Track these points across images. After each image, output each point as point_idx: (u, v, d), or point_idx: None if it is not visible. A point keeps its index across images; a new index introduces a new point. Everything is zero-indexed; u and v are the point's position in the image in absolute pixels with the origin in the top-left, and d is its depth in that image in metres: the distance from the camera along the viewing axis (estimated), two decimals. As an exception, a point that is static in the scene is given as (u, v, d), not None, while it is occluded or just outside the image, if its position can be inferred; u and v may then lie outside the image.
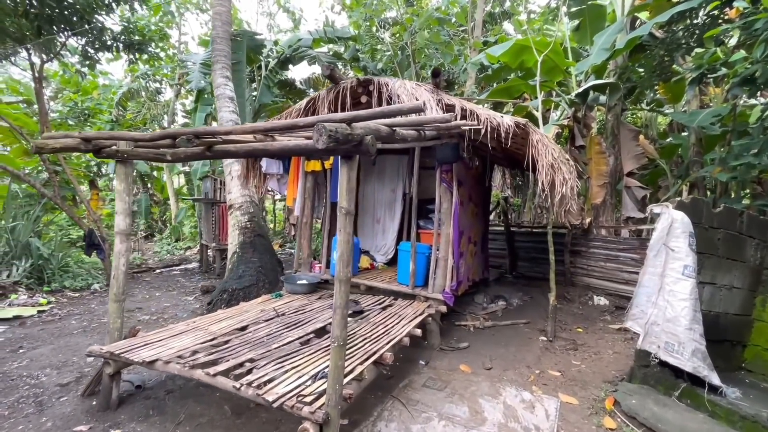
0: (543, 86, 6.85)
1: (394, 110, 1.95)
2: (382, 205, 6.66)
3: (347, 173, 2.23)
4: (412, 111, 1.94)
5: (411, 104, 1.90)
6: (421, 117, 2.61)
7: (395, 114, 1.98)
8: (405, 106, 1.93)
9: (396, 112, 1.97)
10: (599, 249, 6.83)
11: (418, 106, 1.87)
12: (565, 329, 5.33)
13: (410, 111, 1.95)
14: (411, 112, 1.96)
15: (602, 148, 6.87)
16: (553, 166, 3.82)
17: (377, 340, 3.34)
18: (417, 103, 1.89)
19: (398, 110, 1.96)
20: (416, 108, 1.93)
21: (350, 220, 2.27)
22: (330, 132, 1.75)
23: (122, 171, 3.06)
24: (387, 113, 1.95)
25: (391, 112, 1.95)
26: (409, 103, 1.94)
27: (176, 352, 2.93)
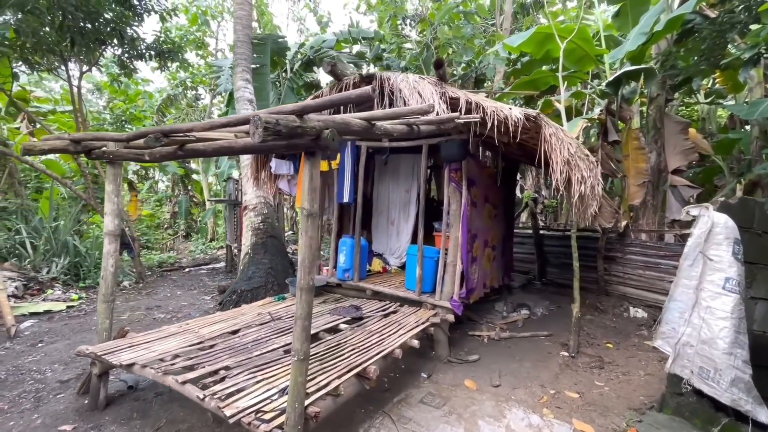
0: (572, 77, 6.30)
1: (343, 98, 1.73)
2: (396, 206, 6.41)
3: (309, 171, 2.04)
4: (361, 98, 1.70)
5: (359, 91, 1.66)
6: (397, 109, 2.37)
7: (343, 102, 1.76)
8: (353, 92, 1.70)
9: (345, 100, 1.75)
10: (637, 255, 6.16)
11: (366, 93, 1.64)
12: (592, 344, 4.81)
13: (359, 97, 1.72)
14: (360, 99, 1.73)
15: (641, 143, 6.20)
16: (569, 163, 3.41)
17: (366, 351, 3.12)
18: (365, 88, 1.66)
19: (346, 98, 1.74)
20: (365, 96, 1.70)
21: (313, 223, 2.08)
22: (267, 124, 1.57)
23: (111, 172, 3.07)
24: (336, 101, 1.74)
25: (343, 99, 1.73)
26: (357, 91, 1.71)
27: (158, 356, 2.89)
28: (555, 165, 3.41)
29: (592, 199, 3.61)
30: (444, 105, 3.74)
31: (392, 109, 2.36)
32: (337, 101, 1.75)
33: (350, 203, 5.03)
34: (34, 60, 7.11)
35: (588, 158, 3.54)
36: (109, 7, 6.54)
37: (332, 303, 4.65)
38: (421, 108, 2.34)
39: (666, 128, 6.74)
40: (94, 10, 6.43)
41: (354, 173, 4.98)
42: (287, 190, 5.76)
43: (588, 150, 4.93)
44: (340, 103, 1.76)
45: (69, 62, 7.49)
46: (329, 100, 1.74)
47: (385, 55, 11.16)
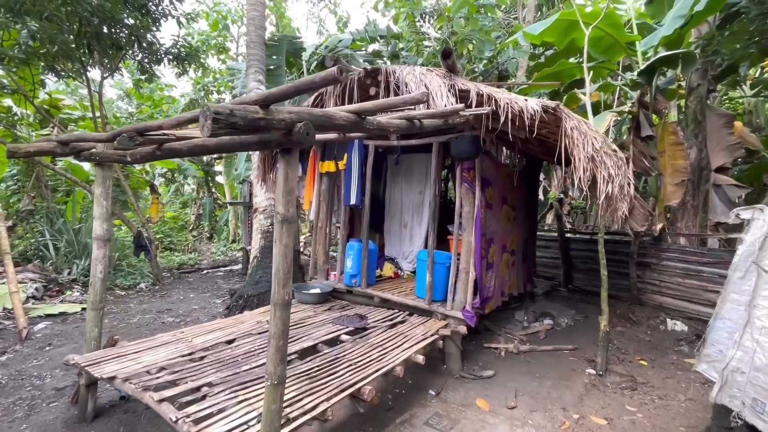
0: (599, 68, 5.81)
1: (306, 83, 1.48)
2: (409, 208, 6.13)
3: (284, 170, 1.80)
4: (326, 80, 1.44)
5: (323, 74, 1.40)
6: (388, 99, 2.10)
7: (306, 87, 1.50)
8: (317, 76, 1.44)
9: (308, 85, 1.49)
10: (675, 261, 5.60)
11: (331, 75, 1.37)
12: (623, 360, 4.35)
13: (323, 80, 1.45)
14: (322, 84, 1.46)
15: (679, 137, 5.62)
16: (593, 159, 3.02)
17: (364, 368, 2.85)
18: (330, 70, 1.39)
19: (310, 82, 1.48)
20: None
21: (288, 229, 1.83)
22: (217, 116, 1.33)
23: (100, 174, 2.96)
24: (300, 86, 1.48)
25: (306, 84, 1.48)
26: (322, 74, 1.44)
27: (144, 368, 2.73)
28: (577, 162, 3.03)
29: (621, 200, 3.20)
30: (453, 98, 3.43)
31: (382, 100, 2.09)
32: (301, 86, 1.50)
33: (357, 205, 4.79)
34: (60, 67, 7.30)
35: (616, 154, 3.13)
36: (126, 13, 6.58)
37: (338, 311, 4.42)
38: (413, 97, 2.06)
39: (708, 121, 6.12)
40: (110, 15, 6.50)
41: (361, 174, 4.73)
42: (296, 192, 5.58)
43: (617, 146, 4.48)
44: (304, 88, 1.51)
45: (89, 68, 7.64)
46: (293, 86, 1.50)
47: (403, 54, 10.88)
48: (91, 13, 6.19)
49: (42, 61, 7.06)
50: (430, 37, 11.10)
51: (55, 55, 6.53)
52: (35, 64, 7.07)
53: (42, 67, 7.29)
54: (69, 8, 6.19)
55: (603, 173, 3.01)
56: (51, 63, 7.14)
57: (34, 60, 6.92)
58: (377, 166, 6.30)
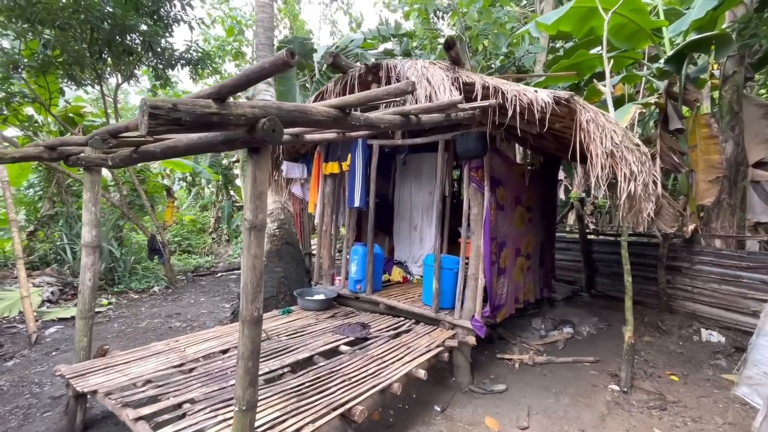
0: (621, 58, 5.42)
1: (255, 71, 1.29)
2: (419, 210, 5.89)
3: (252, 172, 1.62)
4: (276, 66, 1.24)
5: (272, 59, 1.21)
6: (371, 91, 1.90)
7: (256, 76, 1.31)
8: (266, 62, 1.25)
9: (258, 73, 1.30)
10: (710, 266, 5.13)
11: (281, 59, 1.17)
12: (650, 375, 3.97)
13: (273, 66, 1.25)
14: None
15: (713, 130, 5.16)
16: (613, 155, 2.71)
17: (359, 384, 2.64)
18: (280, 54, 1.20)
19: (259, 70, 1.29)
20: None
21: (258, 237, 1.65)
22: (155, 110, 1.16)
23: (89, 179, 2.88)
24: (251, 75, 1.30)
25: (256, 72, 1.29)
26: (270, 59, 1.25)
27: (129, 380, 2.62)
28: (594, 158, 2.73)
29: (645, 200, 2.87)
30: (457, 92, 3.19)
31: (365, 93, 1.88)
32: (251, 75, 1.31)
33: (362, 208, 4.60)
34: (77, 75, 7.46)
35: (639, 149, 2.81)
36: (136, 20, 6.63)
37: (341, 318, 4.23)
38: (398, 87, 1.84)
39: (745, 112, 5.61)
40: (120, 22, 6.56)
41: (365, 175, 4.54)
42: (300, 195, 5.46)
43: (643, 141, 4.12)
44: (254, 76, 1.32)
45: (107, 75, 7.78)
46: (244, 75, 1.32)
47: (417, 52, 10.65)
48: (101, 20, 6.27)
49: (60, 69, 7.22)
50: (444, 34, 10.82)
51: (67, 62, 6.65)
52: (53, 73, 7.23)
53: (61, 75, 7.45)
54: (82, 16, 6.28)
55: (624, 170, 2.70)
56: (68, 71, 7.29)
57: (51, 68, 7.07)
58: (385, 167, 6.11)
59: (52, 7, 5.88)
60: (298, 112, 1.69)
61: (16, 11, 6.01)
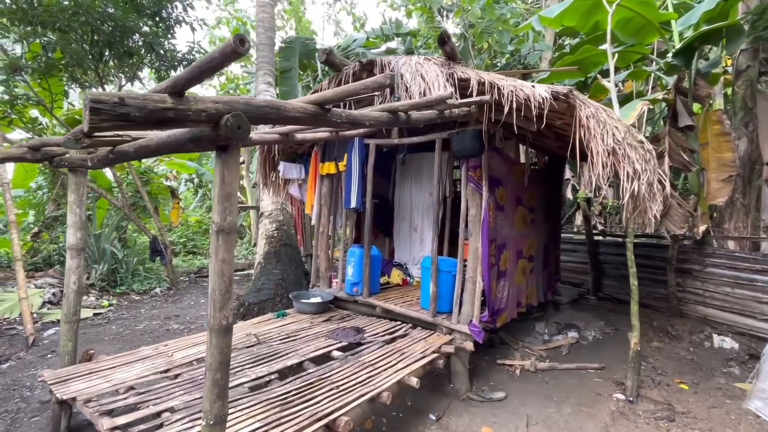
0: (628, 53, 5.23)
1: (206, 62, 1.18)
2: (419, 211, 5.77)
3: (220, 171, 1.53)
4: (225, 55, 1.14)
5: (221, 47, 1.10)
6: (349, 85, 1.79)
7: (207, 67, 1.21)
8: (215, 52, 1.15)
9: (208, 64, 1.20)
10: (722, 268, 4.92)
11: (229, 48, 1.07)
12: (659, 383, 3.79)
13: (223, 55, 1.15)
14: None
15: (725, 127, 4.95)
16: (615, 153, 2.57)
17: (347, 393, 2.53)
18: (225, 45, 1.10)
19: (209, 61, 1.19)
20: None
21: (227, 241, 1.56)
22: (96, 104, 1.07)
23: (73, 180, 2.83)
24: (203, 66, 1.19)
25: (206, 63, 1.19)
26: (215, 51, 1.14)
27: (111, 387, 2.55)
28: (594, 156, 2.59)
29: (650, 200, 2.72)
30: (452, 88, 3.07)
31: (343, 87, 1.78)
32: (202, 66, 1.20)
33: (358, 209, 4.49)
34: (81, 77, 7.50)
35: (643, 146, 2.66)
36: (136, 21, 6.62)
37: (336, 322, 4.13)
38: (376, 80, 1.74)
39: (759, 108, 5.39)
40: (120, 24, 6.56)
41: (362, 175, 4.44)
42: (298, 195, 5.37)
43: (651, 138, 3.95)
44: (205, 67, 1.22)
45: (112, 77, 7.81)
46: (197, 68, 1.22)
47: (422, 51, 10.52)
48: (101, 21, 6.27)
49: (63, 72, 7.25)
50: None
51: (69, 64, 6.67)
52: (57, 75, 7.26)
53: (66, 78, 7.50)
54: (82, 18, 6.29)
55: (627, 169, 2.55)
56: (72, 73, 7.33)
57: (55, 71, 7.11)
58: (385, 166, 6.01)
59: (52, 9, 5.90)
60: (270, 108, 1.59)
61: (18, 14, 6.04)
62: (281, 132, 3.12)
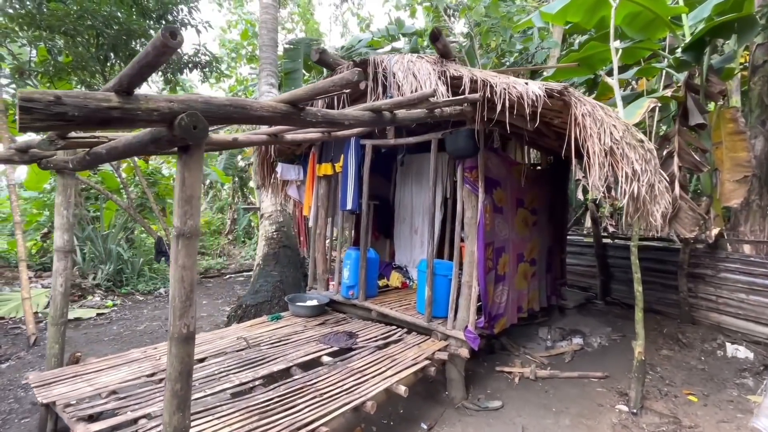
0: (636, 49, 5.04)
1: (141, 59, 1.12)
2: (420, 213, 5.66)
3: (181, 173, 1.47)
4: (164, 50, 1.07)
5: (152, 43, 1.04)
6: (317, 83, 1.72)
7: (142, 64, 1.14)
8: (149, 47, 1.08)
9: (144, 60, 1.13)
10: (737, 274, 4.69)
11: (162, 45, 1.00)
12: (666, 394, 3.62)
13: (156, 49, 1.08)
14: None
15: (740, 125, 4.73)
16: (613, 152, 2.43)
17: (330, 402, 2.45)
18: (156, 40, 1.03)
19: (144, 56, 1.12)
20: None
21: (188, 247, 1.49)
22: (27, 103, 1.01)
23: (61, 182, 2.82)
24: (142, 62, 1.13)
25: (141, 60, 1.12)
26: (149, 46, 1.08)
27: (94, 391, 2.53)
28: (591, 156, 2.46)
29: (652, 202, 2.57)
30: (444, 86, 2.97)
31: (312, 85, 1.71)
32: (141, 61, 1.12)
33: (354, 211, 4.42)
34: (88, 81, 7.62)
35: (643, 145, 2.52)
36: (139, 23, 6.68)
37: (331, 326, 4.06)
38: (343, 77, 1.65)
39: (777, 105, 5.12)
40: (125, 27, 6.62)
41: (358, 176, 4.36)
42: (296, 197, 5.33)
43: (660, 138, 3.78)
44: (143, 62, 1.15)
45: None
46: (136, 64, 1.15)
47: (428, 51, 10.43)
48: (105, 25, 6.35)
49: (72, 75, 7.37)
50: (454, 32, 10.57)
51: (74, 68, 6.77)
52: (65, 78, 7.38)
53: (76, 81, 7.62)
54: (88, 22, 6.37)
55: (625, 169, 2.42)
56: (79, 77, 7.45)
57: (63, 74, 7.23)
58: (386, 167, 5.92)
59: (58, 14, 6.00)
60: (234, 107, 1.52)
61: (26, 18, 6.15)
62: (269, 132, 3.07)
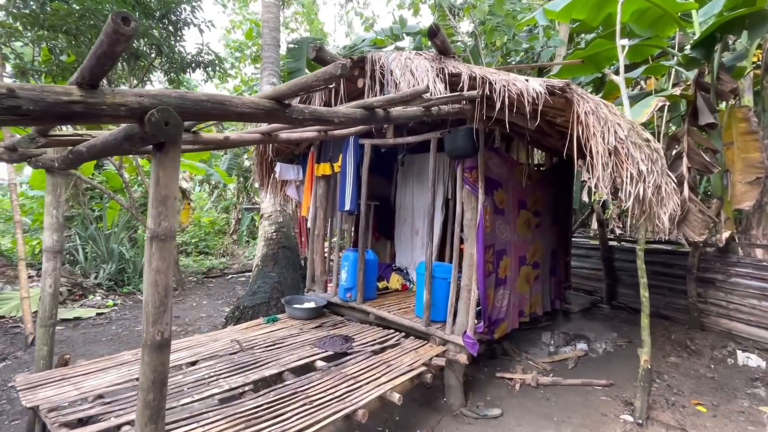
0: (645, 46, 4.90)
1: (97, 48, 1.04)
2: (421, 214, 5.56)
3: (155, 172, 1.39)
4: (117, 36, 0.99)
5: (104, 31, 0.96)
6: (300, 79, 1.63)
7: (98, 54, 1.06)
8: (102, 34, 1.00)
9: (99, 48, 1.05)
10: (749, 279, 4.53)
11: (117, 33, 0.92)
12: (673, 404, 3.48)
13: (108, 37, 1.00)
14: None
15: (752, 125, 4.57)
16: (617, 151, 2.32)
17: (320, 410, 2.37)
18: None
19: (99, 44, 1.04)
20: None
21: (161, 249, 1.42)
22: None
23: (50, 181, 2.77)
24: (97, 52, 1.05)
25: (97, 49, 1.04)
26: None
27: (80, 395, 2.47)
28: (595, 156, 2.35)
29: (659, 204, 2.45)
30: (442, 84, 2.88)
31: (295, 80, 1.63)
32: (97, 52, 1.02)
33: (352, 212, 4.34)
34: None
35: (649, 145, 2.40)
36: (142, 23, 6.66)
37: (328, 329, 3.98)
38: (326, 71, 1.56)
39: (792, 104, 4.94)
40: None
41: (357, 176, 4.28)
42: (295, 197, 5.26)
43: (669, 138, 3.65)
44: (101, 54, 1.07)
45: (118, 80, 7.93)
46: (94, 56, 1.07)
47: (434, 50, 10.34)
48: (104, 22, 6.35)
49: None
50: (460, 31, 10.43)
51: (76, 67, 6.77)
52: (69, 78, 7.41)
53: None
54: (90, 21, 6.38)
55: (630, 170, 2.30)
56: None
57: (67, 74, 7.25)
58: (387, 168, 5.83)
59: (60, 13, 6.00)
60: (212, 103, 1.45)
61: (29, 18, 6.17)
62: (263, 131, 2.99)
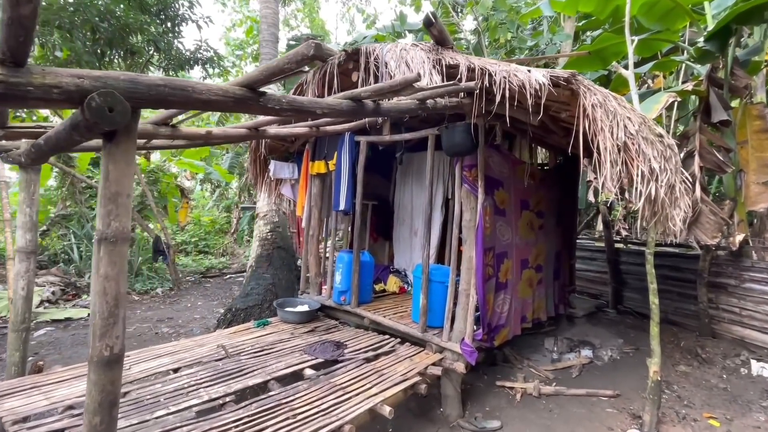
0: (655, 40, 4.69)
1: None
2: (420, 214, 5.38)
3: (104, 166, 1.23)
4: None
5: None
6: (268, 64, 1.47)
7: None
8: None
9: (24, 37, 0.89)
10: (763, 284, 4.32)
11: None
12: (684, 417, 3.28)
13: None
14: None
15: (767, 123, 4.36)
16: (626, 148, 2.13)
17: (306, 423, 2.20)
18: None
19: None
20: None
21: (111, 253, 1.25)
22: None
23: (24, 178, 2.62)
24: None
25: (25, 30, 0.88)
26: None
27: (49, 405, 2.32)
28: (603, 152, 2.16)
29: (672, 205, 2.26)
30: (439, 76, 2.70)
31: (266, 65, 1.46)
32: (6, 21, 0.90)
33: (347, 212, 4.17)
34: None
35: (662, 141, 2.21)
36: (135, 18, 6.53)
37: (320, 333, 3.81)
38: (298, 52, 1.39)
39: (810, 101, 4.73)
40: (122, 21, 6.49)
41: (352, 175, 4.11)
42: (290, 196, 5.10)
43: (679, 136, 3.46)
44: (12, 24, 0.90)
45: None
46: (3, 24, 0.91)
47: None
48: (100, 19, 6.22)
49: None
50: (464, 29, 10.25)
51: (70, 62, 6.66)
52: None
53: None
54: (84, 16, 6.25)
55: (641, 167, 2.11)
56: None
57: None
58: (386, 166, 5.66)
59: (53, 8, 5.88)
60: (171, 88, 1.28)
61: (22, 13, 6.05)
62: (250, 126, 2.84)
